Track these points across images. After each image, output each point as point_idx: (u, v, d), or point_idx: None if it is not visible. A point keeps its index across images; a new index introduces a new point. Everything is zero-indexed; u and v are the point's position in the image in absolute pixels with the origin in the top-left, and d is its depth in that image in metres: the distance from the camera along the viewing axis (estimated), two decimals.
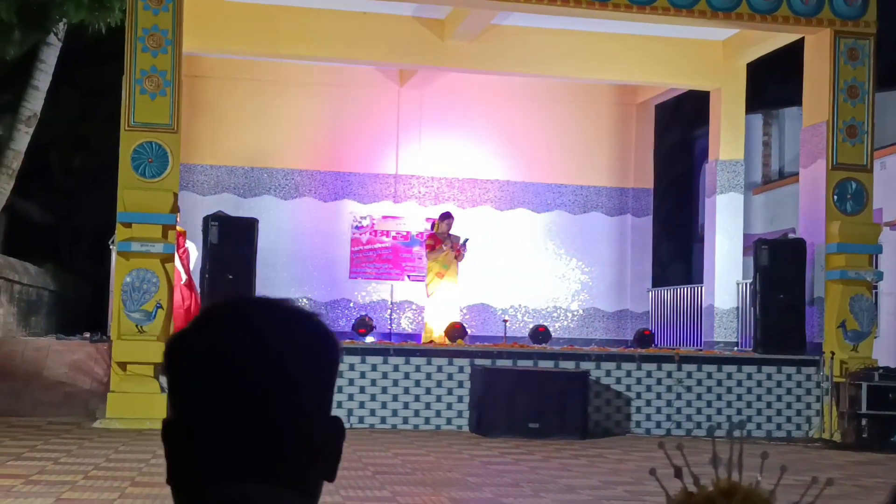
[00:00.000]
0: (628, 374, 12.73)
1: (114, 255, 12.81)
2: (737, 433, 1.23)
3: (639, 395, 12.70)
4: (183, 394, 1.19)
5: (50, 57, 16.87)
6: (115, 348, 11.73)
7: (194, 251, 13.81)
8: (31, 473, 7.73)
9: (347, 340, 12.93)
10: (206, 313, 1.22)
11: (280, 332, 1.19)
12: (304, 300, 15.68)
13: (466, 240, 14.32)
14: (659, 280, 19.42)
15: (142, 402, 11.32)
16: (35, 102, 16.89)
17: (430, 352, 12.59)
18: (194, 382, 1.18)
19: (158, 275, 11.75)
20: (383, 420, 12.22)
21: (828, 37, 13.27)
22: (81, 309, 20.67)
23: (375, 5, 14.16)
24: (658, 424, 12.68)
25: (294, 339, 1.20)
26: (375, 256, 16.71)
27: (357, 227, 16.69)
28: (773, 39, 14.84)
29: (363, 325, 13.83)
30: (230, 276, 12.17)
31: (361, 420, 12.14)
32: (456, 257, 14.26)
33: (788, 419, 12.94)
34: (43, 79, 16.90)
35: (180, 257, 13.03)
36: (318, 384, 1.20)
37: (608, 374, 12.67)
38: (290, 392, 1.18)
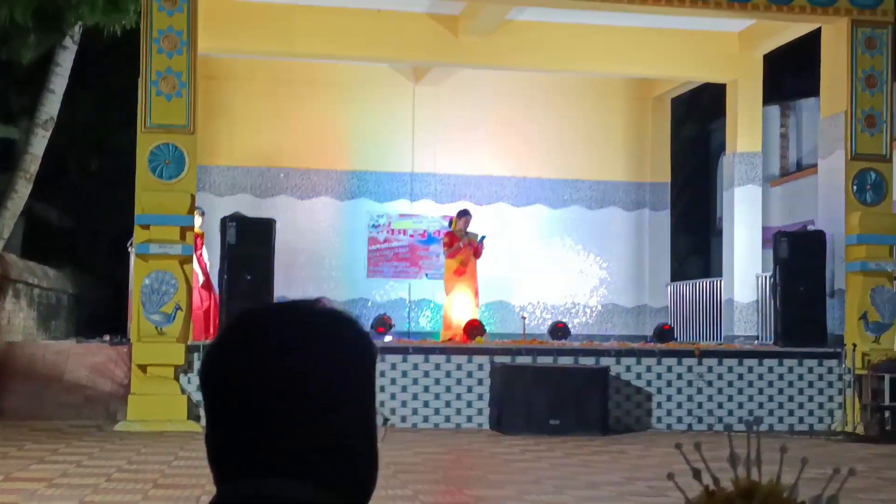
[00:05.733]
0: (648, 369, 12.68)
1: (132, 258, 12.83)
2: (754, 428, 1.22)
3: (659, 391, 12.65)
4: (204, 400, 1.23)
5: (66, 60, 16.91)
6: (135, 350, 11.75)
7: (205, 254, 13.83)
8: (53, 476, 7.75)
9: None
10: (229, 323, 1.25)
11: (299, 343, 1.20)
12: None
13: (484, 237, 14.29)
14: (677, 274, 19.34)
15: (162, 403, 11.34)
16: (51, 106, 16.94)
17: (450, 350, 12.56)
18: (209, 390, 1.22)
19: (177, 276, 11.77)
20: (403, 419, 12.20)
21: (845, 26, 13.17)
22: (101, 312, 20.73)
23: (389, 2, 14.13)
24: (679, 420, 12.63)
25: (313, 352, 1.20)
26: (393, 255, 16.70)
27: (374, 226, 16.69)
28: (789, 30, 14.75)
29: (382, 324, 13.81)
30: (248, 277, 12.17)
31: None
32: (474, 255, 14.24)
33: (811, 412, 12.87)
34: (59, 82, 16.95)
35: (198, 259, 13.05)
36: (339, 389, 1.20)
37: (628, 369, 12.62)
38: (306, 398, 1.18)
